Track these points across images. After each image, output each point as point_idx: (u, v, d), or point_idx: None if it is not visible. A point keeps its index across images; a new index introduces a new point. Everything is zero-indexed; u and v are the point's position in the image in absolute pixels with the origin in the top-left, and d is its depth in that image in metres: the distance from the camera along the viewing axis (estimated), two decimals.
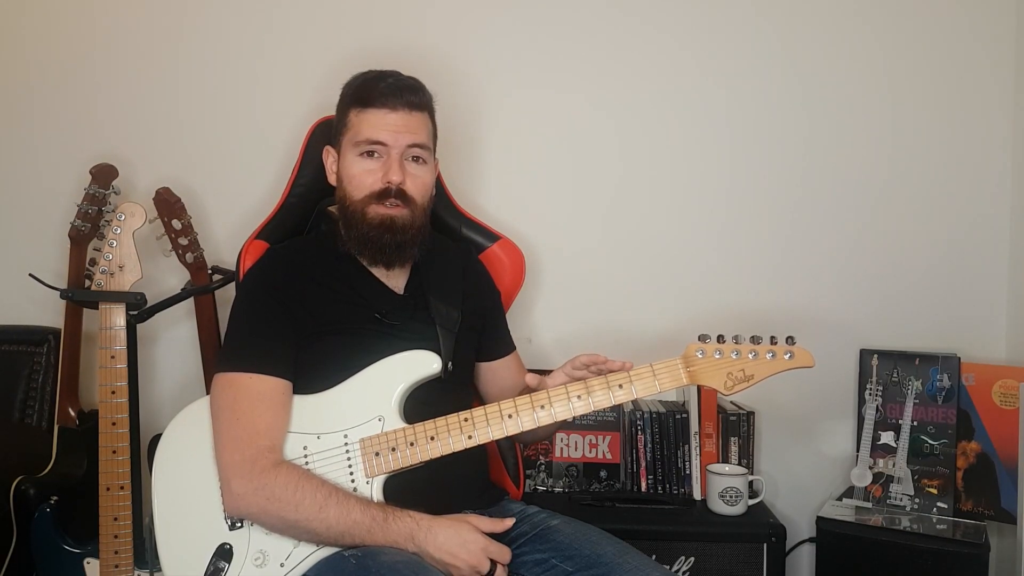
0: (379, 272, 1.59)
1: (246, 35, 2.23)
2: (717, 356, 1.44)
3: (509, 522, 1.44)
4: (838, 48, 2.20)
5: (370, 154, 1.54)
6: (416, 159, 1.56)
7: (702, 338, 1.45)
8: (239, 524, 1.41)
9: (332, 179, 1.63)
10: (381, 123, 1.53)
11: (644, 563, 1.41)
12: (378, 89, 1.54)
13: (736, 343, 1.45)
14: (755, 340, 1.45)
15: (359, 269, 1.58)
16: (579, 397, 1.43)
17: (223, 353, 1.53)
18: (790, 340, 1.45)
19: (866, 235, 2.21)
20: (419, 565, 1.33)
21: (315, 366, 1.49)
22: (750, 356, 1.44)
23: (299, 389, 1.48)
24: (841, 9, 2.19)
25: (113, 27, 2.23)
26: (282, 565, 1.39)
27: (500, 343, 1.74)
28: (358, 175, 1.54)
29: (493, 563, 1.36)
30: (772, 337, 1.45)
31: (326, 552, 1.39)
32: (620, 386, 1.44)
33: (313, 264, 1.57)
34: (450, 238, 1.81)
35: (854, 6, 2.19)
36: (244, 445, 1.40)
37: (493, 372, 1.72)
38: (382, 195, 1.52)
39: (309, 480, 1.39)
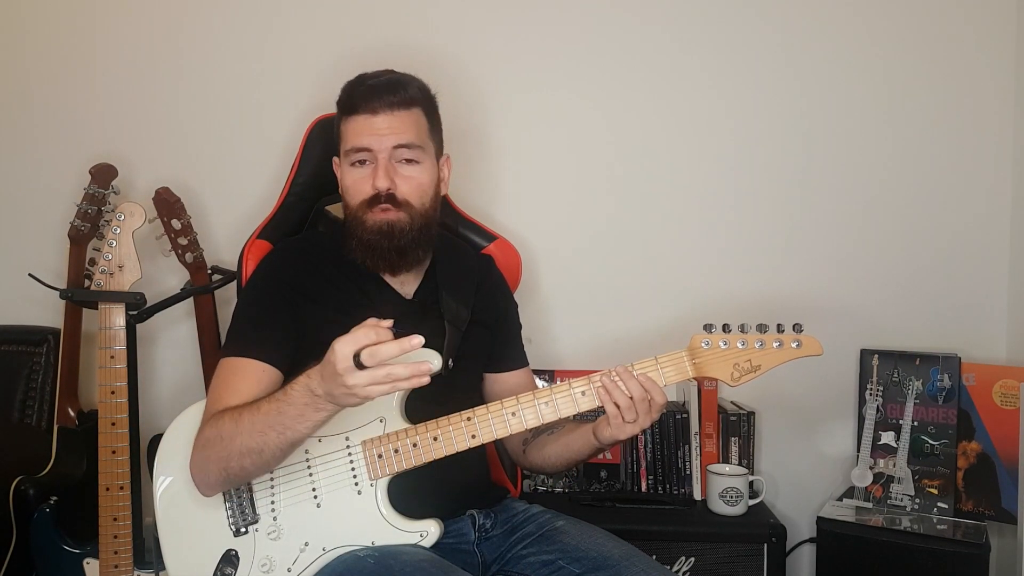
0: (388, 276, 1.57)
1: (245, 35, 2.22)
2: (723, 346, 1.40)
3: (388, 323, 1.22)
4: (838, 46, 2.19)
5: (361, 163, 1.50)
6: (407, 160, 1.51)
7: (707, 328, 1.40)
8: (244, 531, 1.40)
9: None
10: (364, 129, 1.48)
11: (650, 566, 1.40)
12: (359, 94, 1.50)
13: (742, 332, 1.41)
14: (761, 328, 1.41)
15: (371, 272, 1.56)
16: (583, 393, 1.40)
17: (226, 338, 1.52)
18: (797, 327, 1.40)
19: (866, 235, 2.21)
20: (444, 564, 1.32)
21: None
22: (756, 346, 1.40)
23: None
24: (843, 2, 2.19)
25: (113, 27, 2.23)
26: (289, 570, 1.38)
27: (509, 356, 1.70)
28: (352, 185, 1.51)
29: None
30: (779, 325, 1.41)
31: (335, 554, 1.38)
32: None
33: (326, 261, 1.55)
34: None
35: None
36: (203, 419, 1.39)
37: (500, 385, 1.68)
38: (373, 201, 1.49)
39: (229, 410, 1.36)
